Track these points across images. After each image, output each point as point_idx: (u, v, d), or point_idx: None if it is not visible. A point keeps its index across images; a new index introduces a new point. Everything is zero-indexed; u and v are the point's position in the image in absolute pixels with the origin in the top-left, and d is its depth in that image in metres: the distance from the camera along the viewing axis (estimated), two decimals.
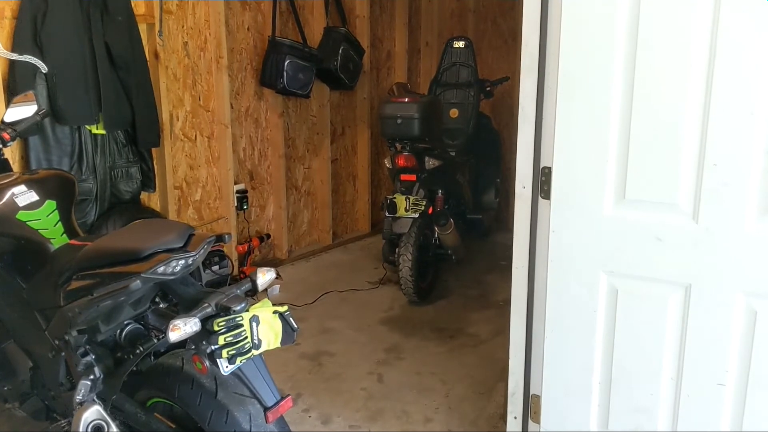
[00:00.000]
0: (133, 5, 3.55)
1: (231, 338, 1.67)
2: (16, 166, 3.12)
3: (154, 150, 3.80)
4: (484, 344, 3.62)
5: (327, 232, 5.29)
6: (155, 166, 3.81)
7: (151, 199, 3.94)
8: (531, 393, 2.33)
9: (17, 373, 2.33)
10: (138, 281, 1.71)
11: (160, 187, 3.92)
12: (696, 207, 1.89)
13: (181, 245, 1.80)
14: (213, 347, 1.66)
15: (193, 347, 1.72)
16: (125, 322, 2.05)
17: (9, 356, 2.34)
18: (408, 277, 3.93)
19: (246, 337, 1.69)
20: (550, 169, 2.09)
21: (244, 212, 4.58)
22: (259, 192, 4.76)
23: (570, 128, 2.02)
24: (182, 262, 1.76)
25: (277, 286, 1.97)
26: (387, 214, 3.95)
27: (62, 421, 2.27)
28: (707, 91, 1.81)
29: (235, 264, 4.36)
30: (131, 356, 2.01)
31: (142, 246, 1.78)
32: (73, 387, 2.16)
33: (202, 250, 1.81)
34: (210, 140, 4.28)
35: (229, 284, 2.36)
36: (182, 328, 1.64)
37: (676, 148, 1.88)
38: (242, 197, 4.51)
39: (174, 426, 2.00)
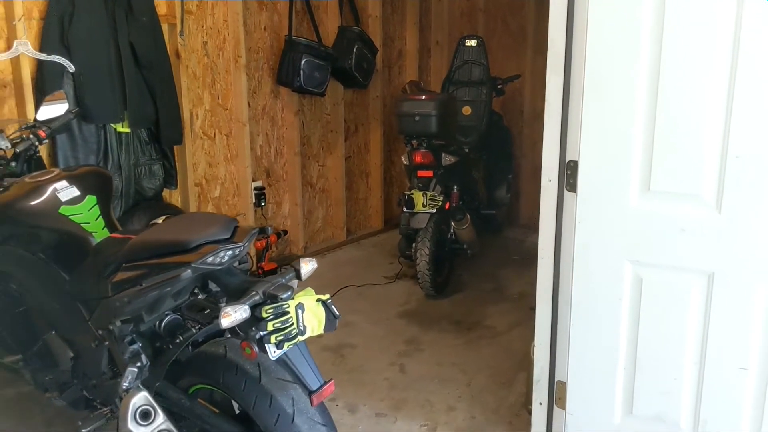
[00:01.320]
0: (155, 6, 3.63)
1: (279, 324, 1.75)
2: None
3: (175, 148, 3.88)
4: (501, 336, 3.70)
5: (341, 229, 5.37)
6: (176, 164, 3.89)
7: (172, 196, 4.02)
8: (556, 380, 2.41)
9: (58, 363, 2.40)
10: (189, 271, 1.79)
11: (181, 184, 3.99)
12: (719, 198, 1.97)
13: (227, 237, 1.88)
14: (262, 333, 1.74)
15: (242, 334, 1.80)
16: (165, 313, 2.13)
17: (50, 347, 2.41)
18: (425, 271, 4.01)
19: (292, 324, 1.77)
20: (576, 162, 2.17)
21: (262, 209, 4.66)
22: (275, 189, 4.83)
23: (596, 123, 2.10)
24: (230, 252, 1.84)
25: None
26: (405, 209, 4.02)
27: (104, 409, 2.34)
28: (730, 85, 1.89)
29: (254, 259, 4.43)
30: (170, 346, 2.10)
31: (191, 238, 1.86)
32: (115, 376, 2.25)
33: (248, 241, 1.89)
34: (228, 138, 4.35)
35: None
36: (233, 315, 1.72)
37: (699, 140, 1.96)
38: (260, 194, 4.59)
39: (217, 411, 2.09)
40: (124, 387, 2.00)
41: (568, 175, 2.21)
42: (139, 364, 2.03)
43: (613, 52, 2.03)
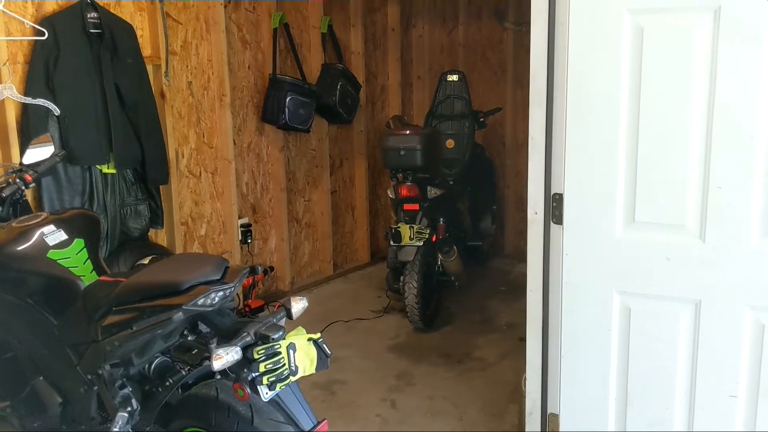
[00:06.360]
0: (140, 47, 3.66)
1: (270, 365, 1.75)
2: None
3: (160, 187, 3.88)
4: (491, 367, 3.70)
5: (328, 263, 5.37)
6: (162, 203, 3.89)
7: (158, 236, 4.01)
8: (548, 411, 2.41)
9: (47, 409, 2.37)
10: (180, 313, 1.79)
11: (167, 223, 3.98)
12: (702, 227, 2.00)
13: (218, 277, 1.88)
14: (254, 374, 1.74)
15: (234, 375, 1.80)
16: (154, 356, 2.12)
17: (39, 393, 2.38)
18: (414, 304, 4.01)
19: (284, 364, 1.77)
20: (561, 195, 2.20)
21: (248, 245, 4.65)
22: (261, 225, 4.84)
23: (580, 156, 2.14)
24: (220, 293, 1.84)
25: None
26: (392, 242, 4.03)
27: None
28: (709, 118, 1.94)
29: (240, 297, 4.41)
30: (161, 389, 2.08)
31: (181, 279, 1.86)
32: (105, 420, 2.22)
33: (238, 282, 1.89)
34: (214, 176, 4.36)
35: None
36: (224, 357, 1.72)
37: (681, 172, 2.00)
38: (246, 231, 4.59)
39: None
40: None
41: (554, 207, 2.24)
42: (129, 408, 2.02)
43: (594, 86, 2.08)
